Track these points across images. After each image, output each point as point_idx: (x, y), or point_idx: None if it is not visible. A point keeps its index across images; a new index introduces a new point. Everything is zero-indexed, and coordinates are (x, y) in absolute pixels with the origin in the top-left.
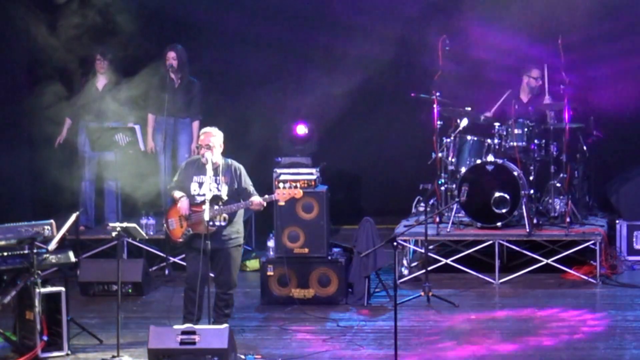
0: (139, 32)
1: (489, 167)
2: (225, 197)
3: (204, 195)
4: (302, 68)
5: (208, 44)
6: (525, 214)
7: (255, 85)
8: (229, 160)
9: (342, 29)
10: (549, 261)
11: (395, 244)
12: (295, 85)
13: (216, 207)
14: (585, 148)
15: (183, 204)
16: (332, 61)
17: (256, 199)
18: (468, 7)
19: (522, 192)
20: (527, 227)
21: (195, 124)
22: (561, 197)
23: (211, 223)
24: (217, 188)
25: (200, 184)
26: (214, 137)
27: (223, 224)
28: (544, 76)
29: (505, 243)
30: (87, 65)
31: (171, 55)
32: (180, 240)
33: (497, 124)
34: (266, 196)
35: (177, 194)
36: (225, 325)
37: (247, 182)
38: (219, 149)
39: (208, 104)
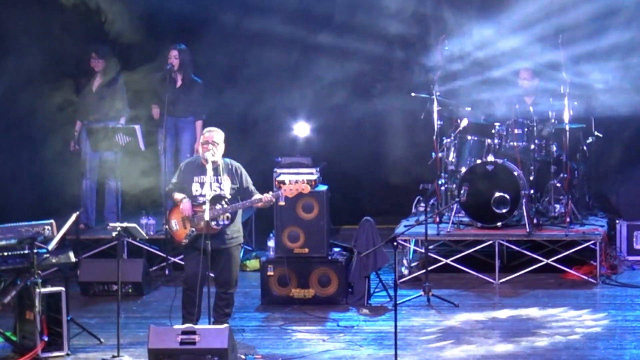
0: (139, 30)
1: (489, 167)
2: (228, 196)
3: (206, 195)
4: (302, 68)
5: (208, 43)
6: (525, 214)
7: (255, 85)
8: (228, 160)
9: (343, 29)
10: (549, 261)
11: (395, 244)
12: (295, 85)
13: (219, 206)
14: (585, 148)
15: (186, 206)
16: (333, 62)
17: (266, 195)
18: (468, 7)
19: (522, 192)
20: (527, 227)
21: (199, 123)
22: (561, 197)
23: (215, 222)
24: (220, 187)
25: (202, 184)
26: (219, 134)
27: (226, 222)
28: (532, 77)
29: (505, 243)
30: (86, 65)
31: (173, 54)
32: (185, 241)
33: (497, 124)
34: (272, 192)
35: (178, 195)
36: (225, 325)
37: (248, 181)
38: (221, 148)
39: (208, 104)
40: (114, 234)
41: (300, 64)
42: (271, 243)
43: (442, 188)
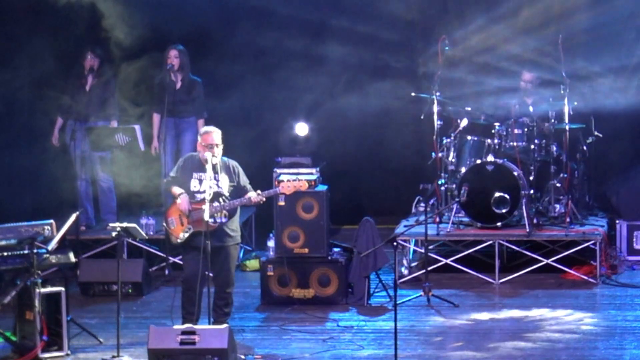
0: (137, 28)
1: (489, 167)
2: (227, 194)
3: (204, 192)
4: (303, 67)
5: (208, 42)
6: (525, 214)
7: (255, 85)
8: (225, 158)
9: (343, 29)
10: (549, 261)
11: (395, 244)
12: (295, 85)
13: (216, 203)
14: (585, 148)
15: (183, 201)
16: (333, 61)
17: (253, 195)
18: (469, 7)
19: (522, 192)
20: (527, 227)
21: (201, 122)
22: (561, 197)
23: (212, 219)
24: (217, 185)
25: (201, 181)
26: (218, 134)
27: (224, 220)
28: (533, 78)
29: (505, 243)
30: (81, 65)
31: (173, 53)
32: (180, 239)
33: (497, 124)
34: (261, 191)
35: (176, 190)
36: (225, 325)
37: (245, 180)
38: (221, 147)
39: (207, 104)
40: (113, 234)
41: (301, 64)
42: (271, 243)
43: (442, 188)
